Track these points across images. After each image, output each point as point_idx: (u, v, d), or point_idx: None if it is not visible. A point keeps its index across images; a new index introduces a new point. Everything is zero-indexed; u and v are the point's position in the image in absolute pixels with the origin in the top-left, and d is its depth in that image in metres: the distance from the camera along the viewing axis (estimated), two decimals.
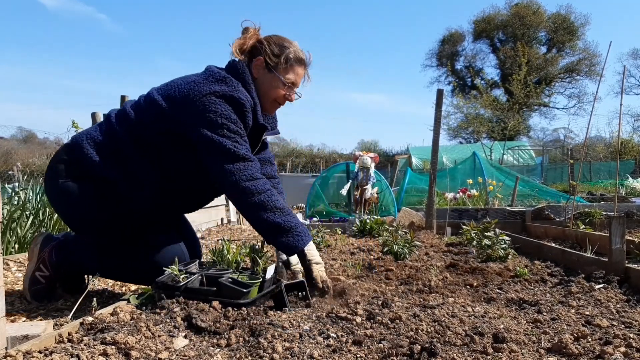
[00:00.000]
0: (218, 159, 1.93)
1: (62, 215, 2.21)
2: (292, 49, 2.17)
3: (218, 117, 1.93)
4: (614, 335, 1.49)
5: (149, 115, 2.03)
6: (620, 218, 2.46)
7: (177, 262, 1.82)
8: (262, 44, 2.16)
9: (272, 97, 2.19)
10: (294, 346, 1.33)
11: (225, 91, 1.98)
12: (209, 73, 2.06)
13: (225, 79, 2.02)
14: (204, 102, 1.94)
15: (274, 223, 1.92)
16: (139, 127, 2.03)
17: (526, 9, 35.29)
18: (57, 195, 2.08)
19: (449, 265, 2.86)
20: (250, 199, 1.92)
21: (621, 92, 4.22)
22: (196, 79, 2.03)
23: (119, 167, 2.02)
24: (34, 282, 2.13)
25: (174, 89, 2.03)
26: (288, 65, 2.15)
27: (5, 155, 13.71)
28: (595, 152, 22.60)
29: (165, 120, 2.00)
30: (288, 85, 2.18)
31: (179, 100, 1.99)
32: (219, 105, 1.95)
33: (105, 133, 2.06)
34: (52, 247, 2.16)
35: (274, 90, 2.17)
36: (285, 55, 2.15)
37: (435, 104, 5.02)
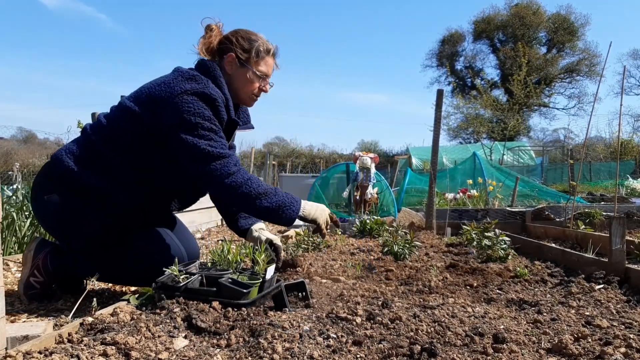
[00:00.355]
0: (194, 161, 1.96)
1: (51, 230, 2.21)
2: (260, 42, 2.22)
3: (191, 116, 1.95)
4: (614, 335, 1.49)
5: (122, 120, 2.05)
6: (620, 218, 2.46)
7: (177, 263, 1.82)
8: (231, 40, 2.20)
9: (248, 90, 2.24)
10: (294, 346, 1.33)
11: (197, 88, 1.99)
12: (178, 73, 2.08)
13: (195, 77, 2.04)
14: (177, 102, 1.96)
15: (264, 208, 2.01)
16: (114, 133, 2.05)
17: (526, 9, 35.31)
18: (44, 211, 2.09)
19: (449, 266, 2.85)
20: (234, 193, 1.98)
21: (621, 92, 4.22)
22: (165, 80, 2.05)
23: (102, 175, 2.03)
24: (29, 288, 2.12)
25: (144, 93, 2.06)
26: (259, 58, 2.21)
27: (5, 156, 13.72)
28: (596, 152, 22.59)
29: (139, 124, 2.02)
30: (262, 77, 2.23)
31: (151, 103, 2.01)
32: (192, 103, 1.96)
33: (82, 145, 2.09)
34: (47, 253, 2.14)
35: (249, 83, 2.22)
36: (255, 48, 2.19)
37: (435, 105, 5.02)
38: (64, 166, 2.03)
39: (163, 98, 1.98)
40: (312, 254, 3.24)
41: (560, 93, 37.60)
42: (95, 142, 2.06)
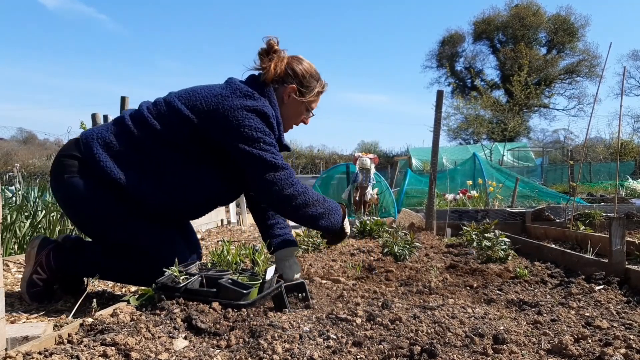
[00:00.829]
0: (260, 171, 2.01)
1: (66, 211, 2.21)
2: (321, 82, 2.34)
3: (253, 131, 1.99)
4: (614, 336, 1.49)
5: (174, 123, 2.03)
6: (620, 219, 2.46)
7: (177, 264, 1.82)
8: (295, 72, 2.24)
9: (294, 120, 2.35)
10: (293, 347, 1.33)
11: (255, 106, 2.03)
12: (235, 87, 2.08)
13: (253, 95, 2.07)
14: (237, 117, 1.99)
15: (317, 213, 2.13)
16: (163, 133, 2.03)
17: (526, 10, 35.33)
18: (63, 191, 2.08)
19: (449, 267, 2.85)
20: (294, 202, 2.06)
21: (621, 93, 4.22)
22: (222, 92, 2.05)
23: (130, 172, 2.01)
24: (32, 285, 2.13)
25: (200, 101, 2.05)
26: (316, 97, 2.34)
27: (5, 156, 13.72)
28: (595, 153, 22.60)
29: (193, 130, 2.02)
30: (309, 109, 2.36)
31: (207, 113, 2.02)
32: (252, 119, 2.01)
33: (118, 136, 2.06)
34: (50, 250, 2.15)
35: (298, 115, 2.33)
36: (316, 88, 2.31)
37: (435, 105, 5.02)
38: (92, 153, 2.00)
39: (221, 111, 2.00)
40: (312, 254, 3.24)
41: (560, 94, 37.64)
42: (136, 136, 2.03)
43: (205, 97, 2.05)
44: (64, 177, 2.04)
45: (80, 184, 2.02)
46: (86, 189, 2.02)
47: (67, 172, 2.04)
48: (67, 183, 2.03)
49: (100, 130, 2.09)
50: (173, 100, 2.08)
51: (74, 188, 2.02)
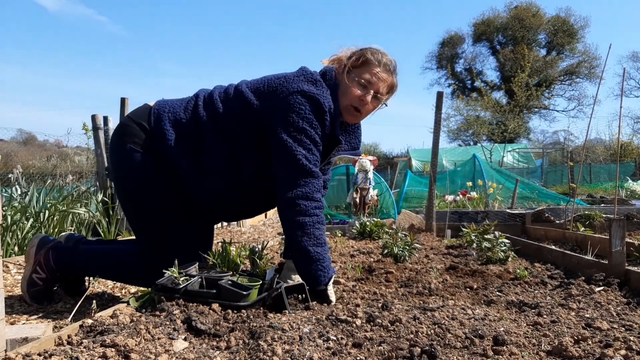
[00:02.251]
0: (285, 164, 1.90)
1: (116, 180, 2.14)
2: (370, 50, 2.08)
3: (300, 119, 1.89)
4: (614, 337, 1.48)
5: (236, 107, 1.98)
6: (620, 220, 2.46)
7: (176, 265, 1.82)
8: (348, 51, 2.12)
9: (347, 100, 2.05)
10: (293, 348, 1.33)
11: (313, 93, 1.92)
12: (302, 72, 2.02)
13: (317, 82, 1.98)
14: (290, 101, 1.90)
15: (305, 249, 1.88)
16: (225, 117, 1.98)
17: (526, 12, 35.38)
18: (121, 160, 2.03)
19: (449, 268, 2.85)
20: (296, 216, 1.89)
21: (621, 94, 4.22)
22: (288, 75, 2.00)
23: (191, 154, 1.97)
24: (32, 285, 2.12)
25: (264, 83, 2.00)
26: (364, 65, 2.05)
27: (5, 158, 13.71)
28: (595, 154, 22.62)
29: (251, 114, 1.95)
30: (363, 85, 2.04)
31: (265, 94, 1.96)
32: (304, 106, 1.90)
33: (189, 113, 2.01)
34: (48, 249, 2.15)
35: (349, 90, 2.04)
36: (361, 54, 2.06)
37: (435, 107, 5.02)
38: (161, 127, 1.97)
39: (278, 91, 1.94)
40: None
41: (560, 95, 37.68)
42: (202, 116, 1.98)
43: (270, 80, 2.00)
44: (126, 147, 1.99)
45: (139, 160, 1.97)
46: (144, 168, 1.97)
47: (131, 142, 1.99)
48: (128, 154, 1.98)
49: (174, 105, 2.04)
50: (240, 85, 2.04)
51: (133, 161, 1.97)
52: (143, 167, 1.98)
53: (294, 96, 1.90)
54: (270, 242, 4.04)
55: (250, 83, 2.05)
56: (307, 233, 1.89)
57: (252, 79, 2.08)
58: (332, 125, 2.01)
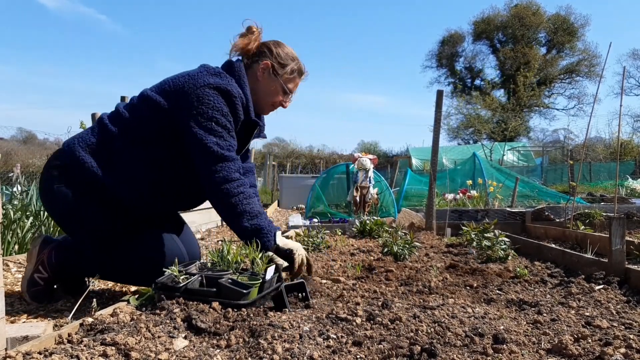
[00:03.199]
0: (199, 155, 1.98)
1: (58, 220, 2.19)
2: (298, 62, 2.30)
3: (209, 109, 1.98)
4: (614, 336, 1.49)
5: (144, 112, 2.05)
6: (620, 219, 2.46)
7: (177, 263, 1.82)
8: (271, 50, 2.25)
9: (270, 100, 2.28)
10: (293, 347, 1.33)
11: (219, 83, 2.02)
12: (204, 68, 2.12)
13: (220, 74, 2.08)
14: (198, 94, 1.99)
15: (242, 226, 1.99)
16: (135, 125, 2.05)
17: (526, 10, 35.36)
18: (52, 201, 2.08)
19: (449, 266, 2.85)
20: (223, 200, 1.98)
21: (621, 93, 4.22)
22: (190, 72, 2.09)
23: (114, 169, 2.02)
24: (33, 284, 2.13)
25: (168, 83, 2.08)
26: (291, 76, 2.28)
27: (5, 156, 13.71)
28: (595, 153, 22.61)
29: (161, 115, 2.03)
30: (286, 93, 2.30)
31: (173, 93, 2.03)
32: (212, 97, 1.99)
33: (98, 135, 2.07)
34: (52, 249, 2.15)
35: (274, 94, 2.27)
36: (291, 66, 2.27)
37: (435, 105, 5.02)
38: (76, 157, 2.02)
39: (185, 88, 2.01)
40: (312, 254, 3.24)
41: (560, 94, 37.66)
42: (113, 133, 2.04)
43: (174, 79, 2.08)
44: (53, 188, 2.04)
45: (69, 192, 2.02)
46: (75, 197, 2.02)
47: (55, 182, 2.04)
48: (56, 192, 2.04)
49: (82, 134, 2.11)
50: (144, 91, 2.11)
51: (63, 196, 2.02)
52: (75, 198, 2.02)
53: (202, 89, 2.00)
54: None
55: (154, 87, 2.12)
56: (238, 213, 1.98)
57: (154, 84, 2.15)
58: (246, 111, 2.15)
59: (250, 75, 2.22)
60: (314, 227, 4.37)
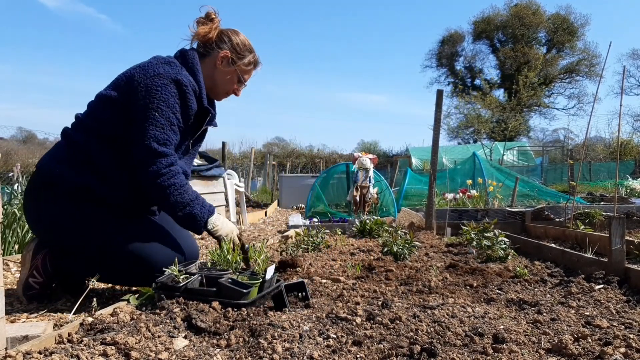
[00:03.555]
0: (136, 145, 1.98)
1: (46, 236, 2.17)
2: (254, 55, 2.35)
3: (155, 99, 1.99)
4: (613, 335, 1.49)
5: (101, 110, 2.07)
6: (620, 218, 2.46)
7: (176, 263, 1.82)
8: (230, 39, 2.29)
9: (225, 87, 2.34)
10: (293, 346, 1.33)
11: (169, 73, 2.04)
12: (155, 58, 2.16)
13: (170, 63, 2.11)
14: (147, 84, 2.01)
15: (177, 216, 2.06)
16: (95, 124, 2.07)
17: (526, 10, 35.33)
18: (37, 218, 2.10)
19: (448, 266, 2.86)
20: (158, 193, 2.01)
21: (621, 92, 4.22)
22: (142, 63, 2.12)
23: (86, 171, 2.05)
24: (28, 288, 2.12)
25: (121, 77, 2.11)
26: (247, 67, 2.34)
27: (5, 156, 13.71)
28: (595, 152, 22.61)
29: (117, 109, 2.05)
30: (241, 82, 2.36)
31: (124, 85, 2.06)
32: (160, 87, 2.01)
33: (64, 145, 2.11)
34: (46, 254, 2.13)
35: (229, 83, 2.33)
36: (248, 58, 2.33)
37: (435, 105, 5.02)
38: (48, 170, 2.05)
39: (134, 79, 2.03)
40: (312, 254, 3.24)
41: (560, 93, 37.66)
42: (76, 139, 2.07)
43: (126, 72, 2.11)
44: (34, 205, 2.07)
45: (50, 206, 2.04)
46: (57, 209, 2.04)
47: (35, 200, 2.08)
48: (38, 209, 2.07)
49: (51, 151, 2.15)
50: (99, 92, 2.13)
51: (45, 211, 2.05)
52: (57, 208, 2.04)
53: (151, 79, 2.02)
54: (270, 240, 4.05)
55: (108, 85, 2.15)
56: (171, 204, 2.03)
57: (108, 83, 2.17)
58: (199, 99, 2.18)
59: (207, 63, 2.26)
60: (314, 227, 4.37)
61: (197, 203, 2.07)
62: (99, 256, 2.10)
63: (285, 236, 4.19)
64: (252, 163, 15.18)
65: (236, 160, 26.83)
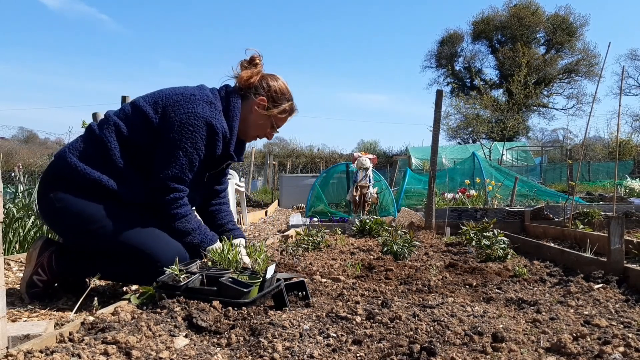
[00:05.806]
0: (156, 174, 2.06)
1: (57, 228, 2.20)
2: (291, 103, 2.37)
3: (183, 137, 2.05)
4: (612, 334, 1.49)
5: (135, 121, 2.11)
6: (618, 218, 2.46)
7: (177, 262, 1.83)
8: (269, 86, 2.31)
9: (257, 132, 2.38)
10: (294, 345, 1.34)
11: (206, 116, 2.09)
12: (200, 90, 2.18)
13: (212, 104, 2.15)
14: (182, 120, 2.06)
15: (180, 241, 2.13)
16: (131, 135, 2.10)
17: (525, 10, 35.31)
18: (50, 209, 2.10)
19: (448, 265, 2.86)
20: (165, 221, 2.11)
21: (620, 93, 4.23)
22: (185, 92, 2.14)
23: (107, 172, 2.07)
24: (32, 286, 2.13)
25: (162, 97, 2.13)
26: (282, 114, 2.36)
27: (6, 156, 13.70)
28: (594, 152, 22.62)
29: (149, 126, 2.09)
30: (274, 127, 2.38)
31: (162, 108, 2.11)
32: (192, 127, 2.06)
33: (87, 141, 2.12)
34: (52, 252, 2.15)
35: (263, 127, 2.36)
36: (284, 106, 2.34)
37: (435, 105, 5.03)
38: (68, 162, 2.06)
39: (173, 107, 2.08)
40: (312, 253, 3.25)
41: (559, 93, 37.65)
42: (102, 138, 2.09)
43: (168, 94, 2.14)
44: (49, 196, 2.08)
45: (65, 198, 2.05)
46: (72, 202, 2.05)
47: (51, 190, 2.08)
48: (53, 200, 2.07)
49: (71, 143, 2.17)
50: (137, 101, 2.15)
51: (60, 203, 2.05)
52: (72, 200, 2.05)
53: (186, 115, 2.06)
54: (270, 239, 4.05)
55: (146, 96, 2.18)
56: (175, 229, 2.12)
57: (148, 93, 2.21)
58: (226, 145, 2.23)
59: (244, 106, 2.29)
60: (314, 226, 4.37)
61: (199, 233, 2.15)
62: (104, 250, 2.11)
63: (285, 235, 4.19)
64: (252, 163, 15.18)
65: None
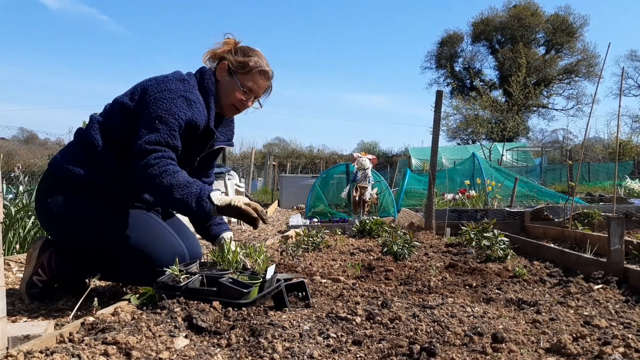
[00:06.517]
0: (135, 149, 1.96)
1: (56, 232, 2.19)
2: (254, 59, 2.24)
3: (159, 109, 1.99)
4: (612, 335, 1.49)
5: (116, 114, 2.12)
6: (618, 219, 2.46)
7: (177, 263, 1.83)
8: (235, 51, 2.27)
9: (229, 100, 2.26)
10: (294, 346, 1.34)
11: (179, 90, 2.06)
12: (174, 73, 2.19)
13: (184, 80, 2.13)
14: (156, 97, 2.03)
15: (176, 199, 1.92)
16: (110, 128, 2.11)
17: (525, 11, 35.33)
18: (48, 214, 2.12)
19: (448, 266, 2.86)
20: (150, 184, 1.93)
21: (620, 94, 4.23)
22: (159, 76, 2.15)
23: (100, 171, 2.08)
24: (32, 286, 2.13)
25: (137, 87, 2.15)
26: (247, 73, 2.23)
27: (6, 156, 13.71)
28: (594, 153, 22.63)
29: (128, 113, 2.09)
30: (245, 91, 2.24)
31: (138, 94, 2.11)
32: (167, 100, 2.02)
33: (79, 145, 2.14)
34: (52, 253, 2.15)
35: (232, 93, 2.24)
36: (245, 62, 2.23)
37: (435, 105, 5.03)
38: (61, 167, 2.08)
39: (147, 91, 2.07)
40: (312, 253, 3.25)
41: (559, 94, 37.66)
42: (89, 138, 2.10)
43: (143, 82, 2.15)
44: (47, 201, 2.09)
45: (62, 202, 2.07)
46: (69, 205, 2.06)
47: (48, 195, 2.10)
48: (50, 205, 2.08)
49: (63, 150, 2.20)
50: (116, 97, 2.17)
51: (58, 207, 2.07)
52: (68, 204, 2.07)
53: (161, 93, 2.04)
54: (270, 240, 4.05)
55: (125, 93, 2.18)
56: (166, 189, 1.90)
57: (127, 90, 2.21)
58: (208, 116, 2.16)
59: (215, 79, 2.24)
60: (314, 227, 4.37)
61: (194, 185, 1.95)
62: (105, 253, 2.11)
63: (285, 236, 4.19)
64: (252, 163, 15.17)
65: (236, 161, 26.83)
